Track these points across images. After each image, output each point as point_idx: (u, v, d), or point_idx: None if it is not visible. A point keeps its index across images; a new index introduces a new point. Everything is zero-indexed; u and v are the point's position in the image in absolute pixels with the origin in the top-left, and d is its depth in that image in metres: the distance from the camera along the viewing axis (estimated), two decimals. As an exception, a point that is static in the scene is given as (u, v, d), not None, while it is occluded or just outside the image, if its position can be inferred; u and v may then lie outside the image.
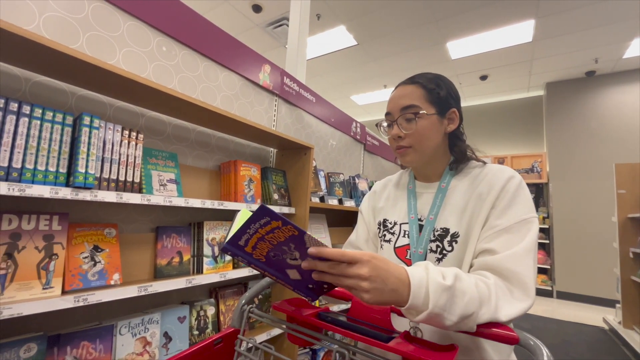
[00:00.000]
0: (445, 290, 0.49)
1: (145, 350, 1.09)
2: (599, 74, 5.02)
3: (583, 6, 3.50)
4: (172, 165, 1.25)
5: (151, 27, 1.28)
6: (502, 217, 0.62)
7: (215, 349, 0.66)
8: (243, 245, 0.47)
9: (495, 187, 0.65)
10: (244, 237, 0.46)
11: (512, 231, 0.60)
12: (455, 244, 0.66)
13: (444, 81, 0.74)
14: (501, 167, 0.70)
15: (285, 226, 0.44)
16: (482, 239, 0.63)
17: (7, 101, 0.79)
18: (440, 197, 0.72)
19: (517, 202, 0.63)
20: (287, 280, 0.54)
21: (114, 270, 1.02)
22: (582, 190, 4.95)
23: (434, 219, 0.70)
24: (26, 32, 0.73)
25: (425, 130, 0.70)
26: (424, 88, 0.71)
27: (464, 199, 0.69)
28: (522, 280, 0.56)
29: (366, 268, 0.46)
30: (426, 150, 0.72)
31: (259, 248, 0.48)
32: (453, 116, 0.73)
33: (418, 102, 0.70)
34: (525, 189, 0.66)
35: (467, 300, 0.50)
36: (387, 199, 0.83)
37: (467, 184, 0.70)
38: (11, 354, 0.81)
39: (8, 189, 0.74)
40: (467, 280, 0.52)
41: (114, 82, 0.99)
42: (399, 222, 0.76)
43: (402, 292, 0.48)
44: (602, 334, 3.44)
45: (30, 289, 0.83)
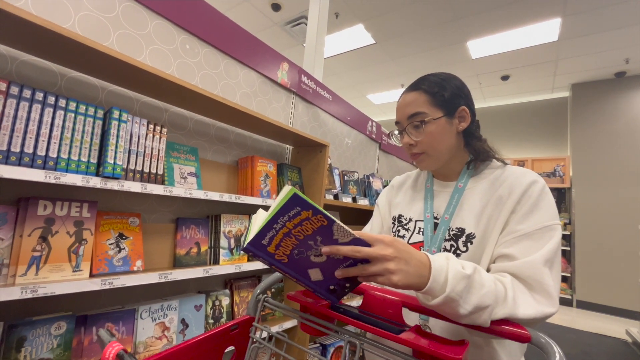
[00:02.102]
0: (464, 278, 0.49)
1: (164, 335, 1.14)
2: (629, 75, 4.78)
3: (613, 4, 3.35)
4: (193, 159, 1.30)
5: (176, 25, 1.33)
6: (524, 222, 0.60)
7: (232, 334, 0.69)
8: (266, 245, 0.47)
9: (516, 191, 0.63)
10: (269, 233, 0.45)
11: (533, 237, 0.59)
12: (470, 244, 0.65)
13: (448, 81, 0.72)
14: (524, 170, 0.68)
15: (316, 216, 0.43)
16: (500, 243, 0.62)
17: (46, 95, 0.84)
18: (456, 197, 0.71)
19: (540, 208, 0.61)
20: (308, 283, 0.54)
21: (137, 257, 1.07)
22: (607, 196, 4.74)
23: (449, 219, 0.69)
24: (63, 30, 0.79)
25: (435, 135, 0.70)
26: (427, 93, 0.71)
27: (483, 200, 0.67)
28: (544, 288, 0.54)
29: (390, 249, 0.47)
30: (440, 154, 0.72)
31: (283, 246, 0.47)
32: (464, 114, 0.71)
33: (423, 109, 0.70)
34: (548, 194, 0.63)
35: (485, 292, 0.50)
36: (405, 195, 0.83)
37: (487, 185, 0.69)
38: (43, 330, 0.87)
39: (45, 176, 0.80)
40: (487, 275, 0.52)
41: (141, 78, 1.04)
42: (415, 219, 0.76)
43: (424, 274, 0.48)
44: (624, 346, 3.30)
45: (62, 270, 0.89)
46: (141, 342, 1.08)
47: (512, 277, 0.56)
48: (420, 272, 0.48)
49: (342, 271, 0.49)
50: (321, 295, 0.57)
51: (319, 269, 0.52)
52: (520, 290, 0.55)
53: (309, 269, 0.52)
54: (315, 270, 0.52)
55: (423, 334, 0.55)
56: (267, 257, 0.48)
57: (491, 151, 0.73)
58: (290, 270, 0.52)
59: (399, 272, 0.47)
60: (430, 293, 0.49)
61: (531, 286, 0.55)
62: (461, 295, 0.48)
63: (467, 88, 0.74)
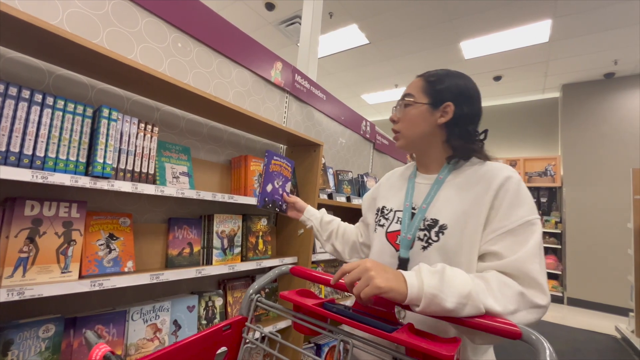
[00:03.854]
0: (434, 273, 0.55)
1: (156, 337, 1.13)
2: (618, 76, 4.87)
3: (603, 6, 3.41)
4: (185, 158, 1.29)
5: (168, 23, 1.32)
6: (505, 219, 0.63)
7: (224, 334, 0.68)
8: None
9: (492, 186, 0.66)
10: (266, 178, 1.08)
11: (516, 233, 0.61)
12: (442, 235, 0.68)
13: (450, 78, 0.76)
14: (500, 166, 0.70)
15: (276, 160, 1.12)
16: (486, 241, 0.64)
17: (33, 92, 0.82)
18: (435, 189, 0.74)
19: (519, 203, 0.63)
20: (265, 188, 1.08)
21: (127, 258, 1.06)
22: (597, 195, 4.82)
23: (425, 209, 0.73)
24: (51, 27, 0.77)
25: (412, 117, 0.76)
26: (425, 80, 0.77)
27: (459, 194, 0.70)
28: (535, 281, 0.57)
29: (368, 263, 0.56)
30: (412, 137, 0.77)
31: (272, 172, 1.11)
32: (447, 110, 0.74)
33: (414, 92, 0.77)
34: (524, 188, 0.66)
35: (461, 281, 0.54)
36: (390, 188, 0.87)
37: (464, 179, 0.72)
38: (31, 333, 0.85)
39: (32, 176, 0.78)
40: (456, 269, 0.57)
41: (132, 76, 1.02)
42: (395, 209, 0.80)
43: (400, 278, 0.55)
44: (614, 342, 3.36)
45: (50, 272, 0.87)
46: (132, 344, 1.06)
47: (496, 272, 0.59)
48: (398, 277, 0.55)
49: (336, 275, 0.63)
50: (260, 195, 1.07)
51: (272, 186, 1.10)
52: (504, 282, 0.57)
53: (269, 183, 1.09)
54: (270, 186, 1.09)
55: (416, 332, 0.55)
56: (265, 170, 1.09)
57: (474, 151, 0.75)
58: (266, 178, 1.08)
59: (380, 277, 0.54)
60: (414, 298, 0.53)
61: (523, 281, 0.57)
62: (439, 288, 0.53)
63: (470, 91, 0.76)
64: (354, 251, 1.02)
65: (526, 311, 0.56)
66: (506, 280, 0.58)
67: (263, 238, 1.58)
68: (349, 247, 1.02)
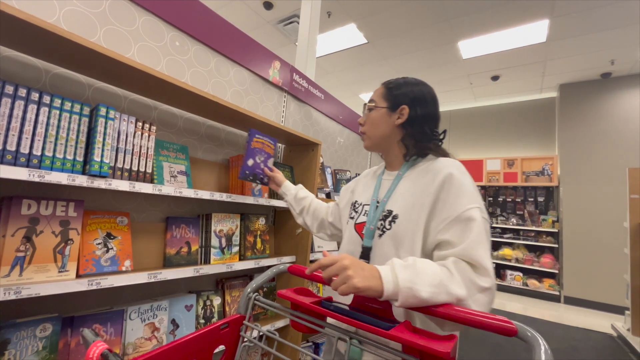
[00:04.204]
0: (406, 267, 0.60)
1: (154, 336, 1.12)
2: (615, 75, 4.90)
3: (600, 6, 3.42)
4: (183, 157, 1.28)
5: (165, 22, 1.32)
6: (451, 208, 0.70)
7: (222, 332, 0.69)
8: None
9: (437, 180, 0.73)
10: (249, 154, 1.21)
11: (461, 221, 0.68)
12: (393, 223, 0.77)
13: (407, 85, 0.87)
14: (447, 162, 0.77)
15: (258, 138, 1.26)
16: (437, 231, 0.71)
17: (29, 91, 0.82)
18: (395, 184, 0.83)
19: (462, 194, 0.70)
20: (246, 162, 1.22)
21: (125, 257, 1.05)
22: (594, 194, 4.85)
23: (386, 202, 0.81)
24: (48, 25, 0.77)
25: (374, 119, 0.88)
26: (385, 87, 0.89)
27: (411, 187, 0.79)
28: (482, 266, 0.64)
29: (346, 261, 0.59)
30: (374, 138, 0.88)
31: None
32: (403, 112, 0.84)
33: (376, 98, 0.89)
34: (466, 181, 0.73)
35: (431, 272, 0.59)
36: (363, 185, 0.96)
37: (417, 174, 0.81)
38: (28, 332, 0.85)
39: (28, 174, 0.78)
40: (425, 261, 0.63)
41: (129, 74, 1.02)
42: (364, 204, 0.89)
43: (376, 275, 0.59)
44: (610, 340, 3.38)
45: (47, 271, 0.87)
46: (130, 343, 1.06)
47: (455, 259, 0.65)
48: (374, 274, 0.59)
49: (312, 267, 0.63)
50: (242, 168, 1.22)
51: (253, 161, 1.24)
52: (463, 269, 0.63)
53: (251, 158, 1.24)
54: (251, 160, 1.24)
55: (412, 329, 0.56)
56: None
57: (427, 149, 0.84)
58: (248, 153, 1.23)
59: (357, 276, 0.57)
60: (391, 293, 0.57)
61: (474, 266, 0.64)
62: (413, 281, 0.57)
63: (424, 96, 0.86)
64: (322, 227, 1.14)
65: (480, 295, 0.62)
66: (462, 266, 0.64)
67: (261, 237, 1.58)
68: (318, 223, 1.15)
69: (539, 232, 5.31)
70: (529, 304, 4.67)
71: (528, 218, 5.45)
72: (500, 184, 5.77)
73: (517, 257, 5.34)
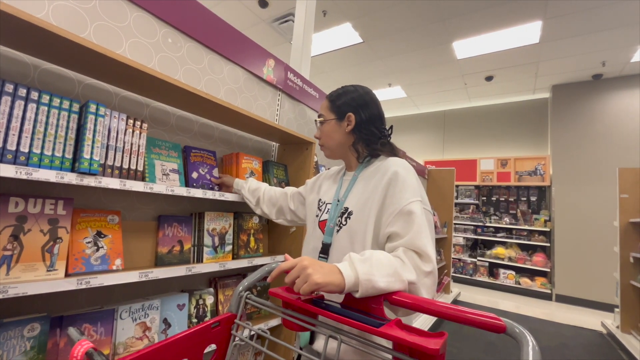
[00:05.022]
0: (364, 261, 0.64)
1: (145, 335, 1.11)
2: (606, 77, 4.97)
3: (591, 8, 3.47)
4: (175, 155, 1.27)
5: (157, 18, 1.30)
6: (396, 202, 0.78)
7: (213, 331, 0.68)
8: None
9: (385, 177, 0.81)
10: None
11: (403, 213, 0.76)
12: (349, 219, 0.84)
13: (346, 92, 0.96)
14: (394, 161, 0.86)
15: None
16: (386, 224, 0.78)
17: (17, 86, 0.81)
18: (351, 184, 0.91)
19: (405, 189, 0.78)
20: (190, 177, 1.28)
21: (116, 256, 1.04)
22: (585, 194, 4.92)
23: (343, 200, 0.89)
24: (36, 19, 0.75)
25: (326, 132, 0.97)
26: (328, 100, 0.98)
27: (364, 185, 0.87)
28: (425, 252, 0.72)
29: (305, 261, 0.62)
30: (332, 147, 0.97)
31: None
32: (350, 119, 0.93)
33: (323, 112, 0.98)
34: (410, 178, 0.81)
35: (386, 262, 0.65)
36: (328, 184, 1.04)
37: (369, 174, 0.89)
38: (15, 332, 0.83)
39: (15, 172, 0.76)
40: (380, 252, 0.69)
41: (121, 71, 1.01)
42: (327, 202, 0.96)
43: (336, 271, 0.63)
44: (599, 337, 3.44)
45: (35, 270, 0.85)
46: (121, 342, 1.05)
47: (405, 248, 0.72)
48: (333, 271, 0.63)
49: (273, 273, 0.69)
50: (189, 182, 1.28)
51: (197, 174, 1.33)
52: (411, 257, 0.71)
53: (194, 171, 1.32)
54: (195, 173, 1.32)
55: (402, 326, 0.56)
56: None
57: (377, 149, 0.92)
58: (189, 169, 1.30)
59: (317, 273, 0.60)
60: (352, 285, 0.62)
61: (419, 254, 0.72)
62: (371, 273, 0.62)
63: (364, 99, 0.94)
64: (281, 213, 1.24)
65: (425, 279, 0.70)
66: (410, 254, 0.71)
67: (255, 236, 1.57)
68: (276, 209, 1.24)
69: (532, 231, 5.38)
70: (521, 302, 4.72)
71: (521, 217, 5.51)
72: (494, 184, 5.83)
73: (510, 255, 5.40)
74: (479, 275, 5.63)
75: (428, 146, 7.03)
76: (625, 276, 3.29)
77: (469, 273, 5.76)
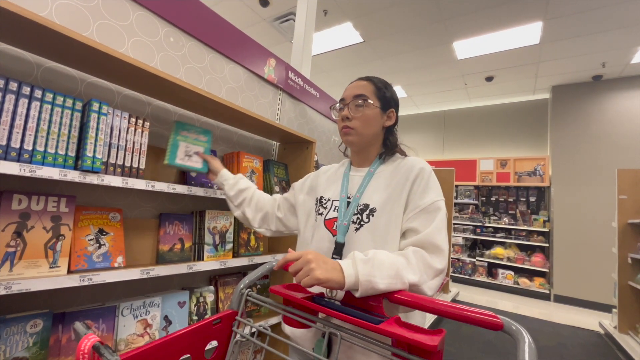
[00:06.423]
0: (367, 261, 0.64)
1: (146, 332, 1.12)
2: (606, 78, 4.98)
3: (592, 9, 3.48)
4: (205, 140, 1.26)
5: (160, 17, 1.31)
6: (420, 200, 0.77)
7: (214, 328, 0.69)
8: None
9: (410, 176, 0.80)
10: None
11: (428, 211, 0.76)
12: (372, 217, 0.79)
13: (389, 88, 0.91)
14: (416, 160, 0.86)
15: None
16: (406, 219, 0.77)
17: (20, 85, 0.81)
18: (367, 180, 0.86)
19: (429, 188, 0.79)
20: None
21: (117, 254, 1.05)
22: (584, 194, 4.93)
23: (359, 197, 0.83)
24: (39, 18, 0.76)
25: (368, 117, 0.86)
26: (374, 85, 0.88)
27: (386, 182, 0.83)
28: (439, 248, 0.71)
29: (310, 255, 0.63)
30: (365, 135, 0.87)
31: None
32: (391, 115, 0.90)
33: (369, 94, 0.86)
34: (433, 177, 0.82)
35: (388, 264, 0.64)
36: (327, 181, 0.97)
37: (390, 171, 0.85)
38: (18, 328, 0.84)
39: (19, 169, 0.77)
40: (384, 253, 0.68)
41: (123, 70, 1.02)
42: (332, 199, 0.89)
43: (338, 268, 0.63)
44: (597, 338, 3.45)
45: (38, 267, 0.86)
46: (122, 339, 1.06)
47: (415, 248, 0.71)
48: (335, 267, 0.63)
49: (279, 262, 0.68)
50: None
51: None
52: (421, 257, 0.69)
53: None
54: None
55: (401, 323, 0.57)
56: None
57: (398, 148, 0.92)
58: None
59: (319, 268, 0.61)
60: (352, 285, 0.62)
61: (430, 250, 0.71)
62: (372, 274, 0.62)
63: (398, 101, 0.93)
64: (265, 221, 1.08)
65: (432, 281, 0.69)
66: (420, 254, 0.70)
67: (255, 234, 1.58)
68: (261, 215, 1.08)
69: (530, 232, 5.39)
70: (519, 302, 4.74)
71: (520, 218, 5.52)
72: (493, 184, 5.84)
73: (509, 256, 5.41)
74: (478, 275, 5.65)
75: (428, 146, 7.04)
76: (623, 277, 3.30)
77: (467, 273, 5.77)
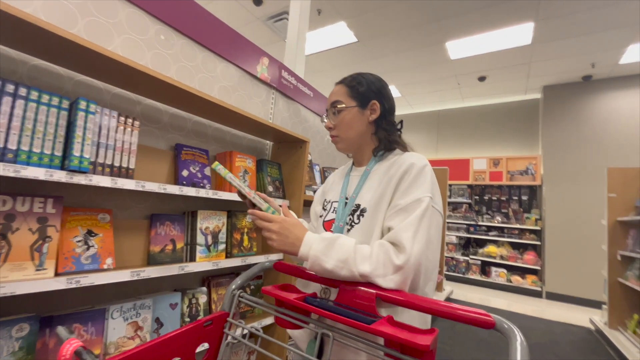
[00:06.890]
0: (323, 240, 0.68)
1: (137, 335, 1.10)
2: (595, 78, 5.06)
3: (582, 11, 3.53)
4: (169, 153, 1.26)
5: (150, 15, 1.29)
6: (402, 198, 0.72)
7: (206, 330, 0.68)
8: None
9: (399, 172, 0.75)
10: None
11: (407, 209, 0.70)
12: (362, 217, 0.77)
13: (365, 78, 0.87)
14: (411, 155, 0.79)
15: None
16: (386, 218, 0.73)
17: (4, 83, 0.79)
18: (363, 179, 0.83)
19: (416, 185, 0.72)
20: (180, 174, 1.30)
21: (107, 255, 1.03)
22: (575, 193, 5.01)
23: (355, 197, 0.81)
24: (24, 14, 0.74)
25: (347, 121, 0.84)
26: (346, 86, 0.86)
27: (379, 180, 0.79)
28: (402, 245, 0.65)
29: (276, 226, 0.71)
30: (350, 138, 0.86)
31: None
32: (375, 107, 0.85)
33: (341, 98, 0.85)
34: (426, 174, 0.74)
35: (345, 250, 0.66)
36: (333, 183, 0.96)
37: (385, 168, 0.81)
38: (3, 332, 0.82)
39: (3, 169, 0.75)
40: (351, 241, 0.68)
41: (112, 68, 1.00)
42: (332, 201, 0.88)
43: (296, 244, 0.70)
44: (588, 334, 3.51)
45: (24, 269, 0.84)
46: (112, 342, 1.04)
47: (382, 241, 0.68)
48: (294, 243, 0.70)
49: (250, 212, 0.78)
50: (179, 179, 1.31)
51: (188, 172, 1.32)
52: (385, 251, 0.66)
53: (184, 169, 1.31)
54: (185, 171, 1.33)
55: (394, 323, 0.56)
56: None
57: (396, 142, 0.85)
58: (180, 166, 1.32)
59: (277, 240, 0.71)
60: (304, 256, 0.68)
61: (396, 246, 0.66)
62: (323, 252, 0.66)
63: (385, 89, 0.88)
64: None
65: (392, 275, 0.64)
66: (387, 248, 0.66)
67: (248, 235, 1.57)
68: None
69: (523, 230, 5.45)
70: (512, 300, 4.79)
71: (512, 216, 5.58)
72: (486, 183, 5.89)
73: (502, 254, 5.47)
74: (471, 274, 5.70)
75: (422, 145, 7.08)
76: (613, 274, 3.35)
77: (461, 271, 5.81)
